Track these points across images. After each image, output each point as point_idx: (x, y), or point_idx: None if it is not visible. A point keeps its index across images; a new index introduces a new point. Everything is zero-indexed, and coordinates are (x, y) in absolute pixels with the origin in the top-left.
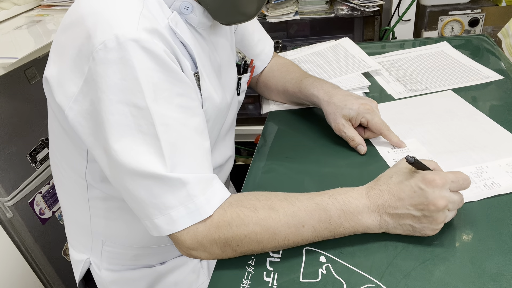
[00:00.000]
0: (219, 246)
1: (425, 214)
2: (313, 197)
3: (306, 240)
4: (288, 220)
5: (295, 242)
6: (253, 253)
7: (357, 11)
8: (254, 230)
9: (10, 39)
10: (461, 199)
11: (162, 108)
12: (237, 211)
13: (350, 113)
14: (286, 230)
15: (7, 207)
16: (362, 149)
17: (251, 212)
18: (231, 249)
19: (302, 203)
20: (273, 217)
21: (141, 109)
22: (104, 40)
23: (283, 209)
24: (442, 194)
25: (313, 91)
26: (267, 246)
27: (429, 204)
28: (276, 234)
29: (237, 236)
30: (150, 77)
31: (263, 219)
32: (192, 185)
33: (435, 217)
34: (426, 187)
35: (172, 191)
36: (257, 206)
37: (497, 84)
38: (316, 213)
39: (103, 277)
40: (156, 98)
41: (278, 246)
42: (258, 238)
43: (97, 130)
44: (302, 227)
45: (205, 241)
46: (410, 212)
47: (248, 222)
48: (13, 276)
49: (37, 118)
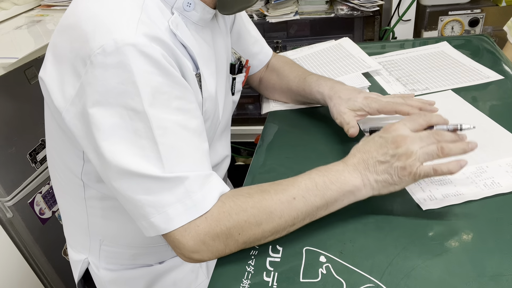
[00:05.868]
0: (221, 240)
1: (391, 154)
2: (297, 176)
3: (301, 213)
4: (280, 197)
5: (291, 217)
6: (254, 240)
7: (357, 11)
8: (252, 213)
9: (10, 39)
10: (430, 132)
11: (160, 112)
12: (233, 199)
13: (355, 105)
14: (280, 206)
15: (7, 207)
16: (353, 130)
17: (246, 198)
18: (233, 241)
19: (288, 181)
20: (266, 197)
21: (138, 113)
22: (102, 44)
23: (273, 189)
24: (400, 133)
25: (318, 88)
26: (266, 228)
27: (391, 145)
28: (272, 213)
29: (238, 224)
30: (149, 81)
31: (258, 201)
32: (190, 181)
33: (400, 153)
34: (385, 134)
35: (169, 189)
36: (251, 192)
37: (497, 84)
38: (303, 183)
39: (102, 276)
40: (154, 102)
41: (276, 225)
42: (257, 220)
43: (93, 133)
44: (294, 199)
45: (207, 238)
46: (379, 159)
47: (246, 207)
48: (13, 276)
49: (37, 118)
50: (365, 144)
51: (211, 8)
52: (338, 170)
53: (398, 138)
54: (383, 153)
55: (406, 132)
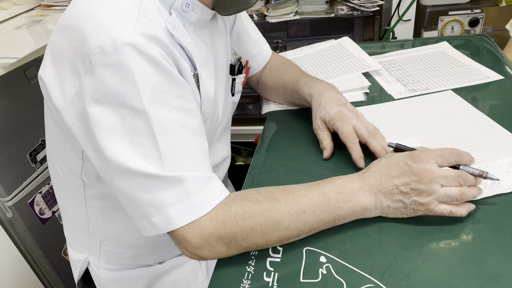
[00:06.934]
0: (225, 242)
1: (413, 187)
2: (310, 185)
3: (308, 226)
4: (290, 208)
5: (297, 230)
6: (257, 247)
7: (357, 11)
8: (259, 222)
9: (10, 39)
10: (456, 175)
11: (160, 111)
12: (241, 204)
13: (326, 117)
14: (288, 218)
15: (7, 207)
16: (325, 153)
17: (255, 204)
18: (236, 245)
19: (301, 191)
20: (276, 206)
21: (138, 112)
22: (101, 44)
23: (283, 198)
24: (428, 167)
25: (309, 90)
26: (271, 238)
27: (415, 177)
28: (280, 223)
29: (243, 230)
30: (148, 80)
31: (266, 210)
32: (190, 183)
33: (422, 190)
34: (412, 162)
35: (169, 189)
36: (260, 198)
37: (497, 84)
38: (315, 197)
39: (102, 276)
40: (153, 101)
41: (281, 236)
42: (263, 229)
43: (93, 132)
44: (303, 212)
45: (211, 238)
46: (400, 188)
47: (253, 214)
48: (13, 276)
49: (37, 118)
50: (388, 165)
51: (209, 9)
52: (353, 189)
53: (425, 173)
54: (405, 183)
55: (433, 167)
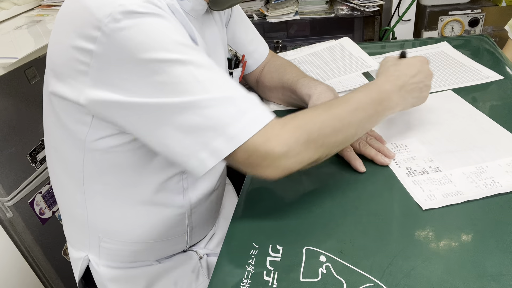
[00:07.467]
0: (304, 143)
1: (420, 70)
2: (349, 93)
3: (361, 122)
4: (344, 107)
5: (354, 126)
6: (328, 145)
7: (357, 11)
8: (325, 119)
9: (10, 39)
10: None
11: (189, 56)
12: (301, 115)
13: None
14: (347, 115)
15: (7, 207)
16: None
17: (313, 110)
18: (314, 145)
19: (344, 97)
20: (334, 106)
21: (161, 62)
22: (110, 12)
23: (336, 102)
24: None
25: (307, 91)
26: (339, 135)
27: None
28: (342, 120)
29: (314, 128)
30: (167, 35)
31: (327, 110)
32: (240, 100)
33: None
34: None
35: (224, 109)
36: (317, 107)
37: (497, 84)
38: (361, 97)
39: (102, 274)
40: (180, 50)
41: (346, 133)
42: (330, 124)
43: (133, 93)
44: (356, 110)
45: (291, 141)
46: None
47: (318, 114)
48: (13, 276)
49: (37, 118)
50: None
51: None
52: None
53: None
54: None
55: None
